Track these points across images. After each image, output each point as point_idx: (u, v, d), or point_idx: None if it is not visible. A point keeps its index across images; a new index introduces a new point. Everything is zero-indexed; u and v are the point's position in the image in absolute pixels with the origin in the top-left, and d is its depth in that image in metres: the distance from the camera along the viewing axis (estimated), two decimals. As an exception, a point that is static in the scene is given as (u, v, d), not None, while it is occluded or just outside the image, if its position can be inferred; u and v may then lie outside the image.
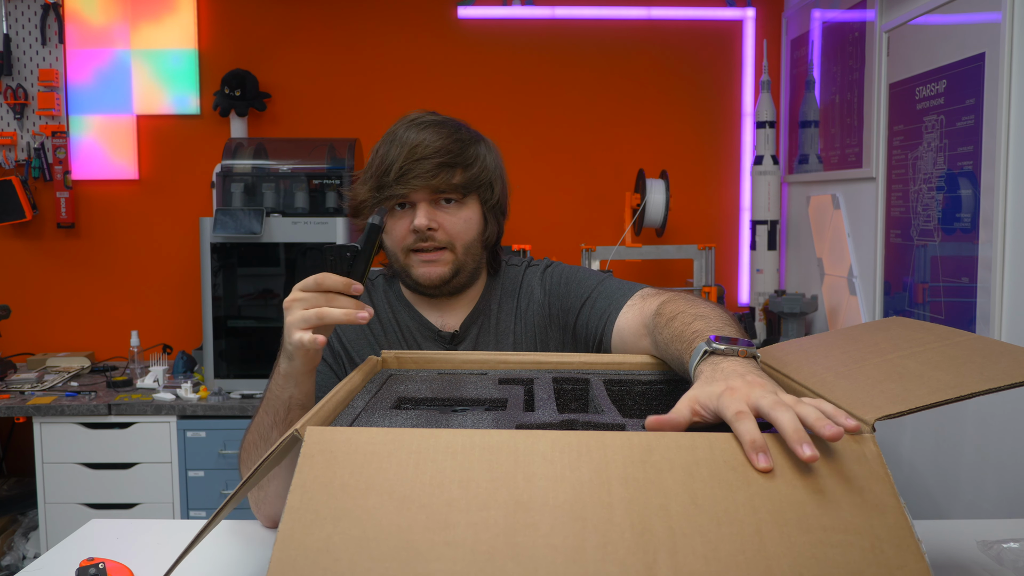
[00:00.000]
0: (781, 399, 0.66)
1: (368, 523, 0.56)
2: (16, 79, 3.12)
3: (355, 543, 0.54)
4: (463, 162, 1.22)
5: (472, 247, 1.25)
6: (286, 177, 2.85)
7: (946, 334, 0.83)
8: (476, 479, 0.60)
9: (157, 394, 2.68)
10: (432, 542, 0.55)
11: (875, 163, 2.34)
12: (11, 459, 3.12)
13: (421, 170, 1.19)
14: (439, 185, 1.20)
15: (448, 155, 1.20)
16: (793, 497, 0.59)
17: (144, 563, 0.98)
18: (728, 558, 0.54)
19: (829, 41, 2.71)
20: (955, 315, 1.96)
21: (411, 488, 0.59)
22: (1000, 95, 1.75)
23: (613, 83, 3.20)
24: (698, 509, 0.57)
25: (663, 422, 0.70)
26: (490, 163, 1.26)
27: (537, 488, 0.59)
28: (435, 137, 1.21)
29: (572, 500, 0.58)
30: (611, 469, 0.61)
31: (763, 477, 0.60)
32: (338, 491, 0.58)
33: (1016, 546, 0.98)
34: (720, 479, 0.60)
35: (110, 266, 3.22)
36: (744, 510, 0.58)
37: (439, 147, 1.20)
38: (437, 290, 1.26)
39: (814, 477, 0.60)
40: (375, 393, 0.88)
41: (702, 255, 2.95)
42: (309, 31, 3.18)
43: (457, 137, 1.23)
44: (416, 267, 1.24)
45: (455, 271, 1.24)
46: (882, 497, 0.59)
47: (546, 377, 0.97)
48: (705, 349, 0.79)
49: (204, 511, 2.64)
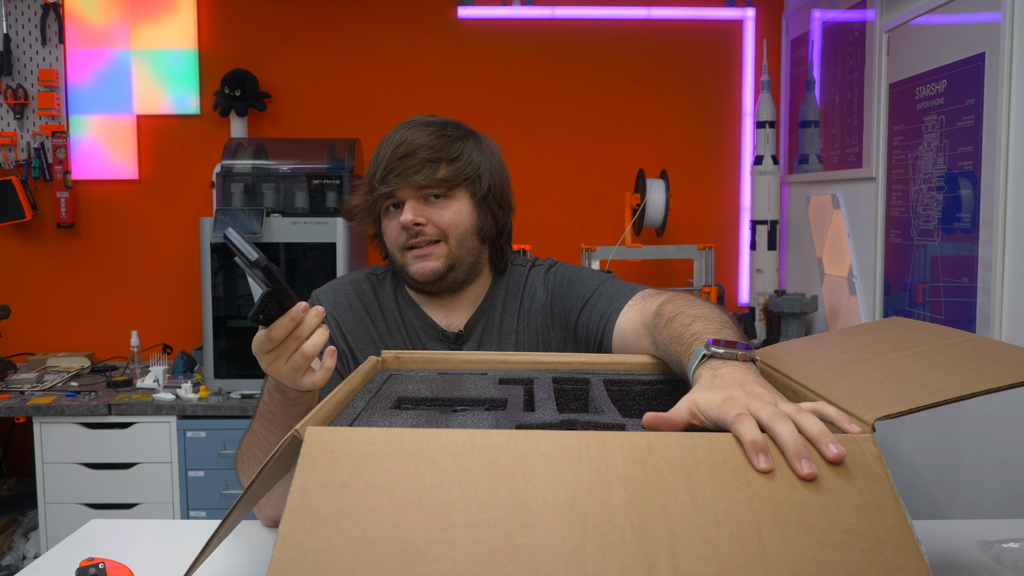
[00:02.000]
0: (780, 410, 0.65)
1: (368, 524, 0.56)
2: (16, 79, 3.12)
3: (355, 544, 0.54)
4: (447, 156, 1.23)
5: (466, 239, 1.26)
6: (286, 177, 2.85)
7: (946, 334, 0.83)
8: (476, 480, 0.60)
9: (157, 394, 2.68)
10: (432, 543, 0.55)
11: (875, 163, 2.34)
12: (11, 459, 3.12)
13: (404, 167, 1.21)
14: (423, 180, 1.22)
15: (431, 151, 1.22)
16: (793, 498, 0.59)
17: (144, 563, 0.98)
18: (727, 559, 0.54)
19: (829, 41, 2.71)
20: (955, 315, 1.96)
21: (411, 489, 0.59)
22: (1000, 95, 1.75)
23: (613, 83, 3.20)
24: (698, 510, 0.58)
25: (661, 420, 0.70)
26: (477, 156, 1.27)
27: (537, 489, 0.59)
28: (420, 135, 1.23)
29: (572, 501, 0.58)
30: (611, 470, 0.61)
31: (763, 478, 0.60)
32: (338, 492, 0.59)
33: (1016, 546, 0.98)
34: (720, 480, 0.60)
35: (110, 266, 3.22)
36: (744, 511, 0.58)
37: (422, 144, 1.22)
38: (435, 286, 1.26)
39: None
40: (375, 393, 0.88)
41: (702, 255, 2.95)
42: (309, 31, 3.18)
43: (443, 133, 1.25)
44: (411, 264, 1.25)
45: (450, 265, 1.25)
46: (882, 498, 0.59)
47: (546, 377, 0.97)
48: (704, 353, 0.79)
49: (204, 511, 2.64)
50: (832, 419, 0.65)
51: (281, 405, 1.02)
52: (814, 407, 0.67)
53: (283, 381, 0.96)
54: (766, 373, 0.92)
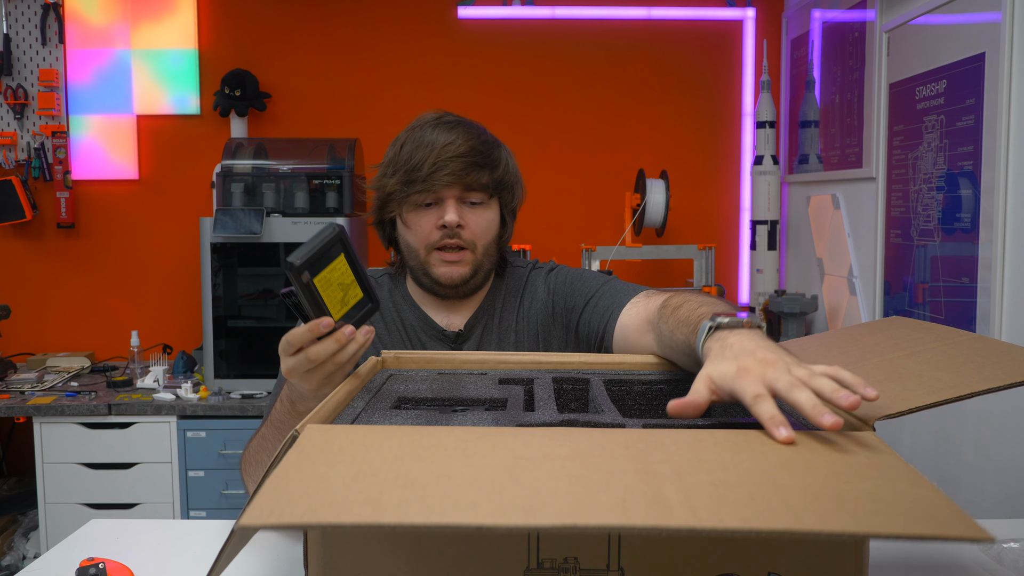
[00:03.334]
0: (795, 377, 0.65)
1: (364, 465, 0.56)
2: (16, 79, 3.12)
3: (351, 476, 0.54)
4: (491, 163, 1.23)
5: (490, 249, 1.27)
6: (286, 177, 2.85)
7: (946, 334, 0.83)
8: (475, 444, 0.60)
9: (157, 394, 2.68)
10: (430, 473, 0.55)
11: (875, 163, 2.34)
12: (11, 459, 3.12)
13: (454, 168, 1.20)
14: (471, 183, 1.21)
15: (479, 155, 1.22)
16: (803, 454, 0.59)
17: (144, 563, 0.98)
18: (736, 483, 0.54)
19: (829, 41, 2.71)
20: (955, 315, 1.96)
21: (410, 448, 0.59)
22: (1000, 95, 1.75)
23: (613, 83, 3.20)
24: (703, 463, 0.57)
25: (686, 405, 0.70)
26: (512, 167, 1.29)
27: (536, 449, 0.59)
28: (465, 137, 1.22)
29: (574, 454, 0.58)
30: (613, 440, 0.62)
31: (770, 445, 0.61)
32: (335, 452, 0.59)
33: (1016, 546, 0.98)
34: (724, 445, 0.61)
35: (110, 266, 3.22)
36: (751, 461, 0.58)
37: (471, 147, 1.21)
38: (455, 291, 1.27)
39: (823, 448, 0.61)
40: (375, 393, 0.89)
41: (702, 255, 2.95)
42: (309, 31, 3.18)
43: (484, 139, 1.25)
44: (437, 266, 1.24)
45: (474, 272, 1.26)
46: (892, 460, 0.60)
47: (546, 377, 0.97)
48: (710, 325, 0.79)
49: (204, 511, 2.64)
50: (848, 383, 0.65)
51: (290, 416, 1.02)
52: (828, 371, 0.67)
53: (298, 389, 0.95)
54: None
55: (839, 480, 0.55)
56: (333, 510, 0.49)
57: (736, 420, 0.77)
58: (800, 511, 0.50)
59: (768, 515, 0.49)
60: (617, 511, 0.49)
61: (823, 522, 0.48)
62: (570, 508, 0.50)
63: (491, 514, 0.49)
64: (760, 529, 0.48)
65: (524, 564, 0.62)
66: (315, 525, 0.48)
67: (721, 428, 0.68)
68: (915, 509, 0.51)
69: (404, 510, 0.49)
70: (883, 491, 0.53)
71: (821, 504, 0.51)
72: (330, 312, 0.88)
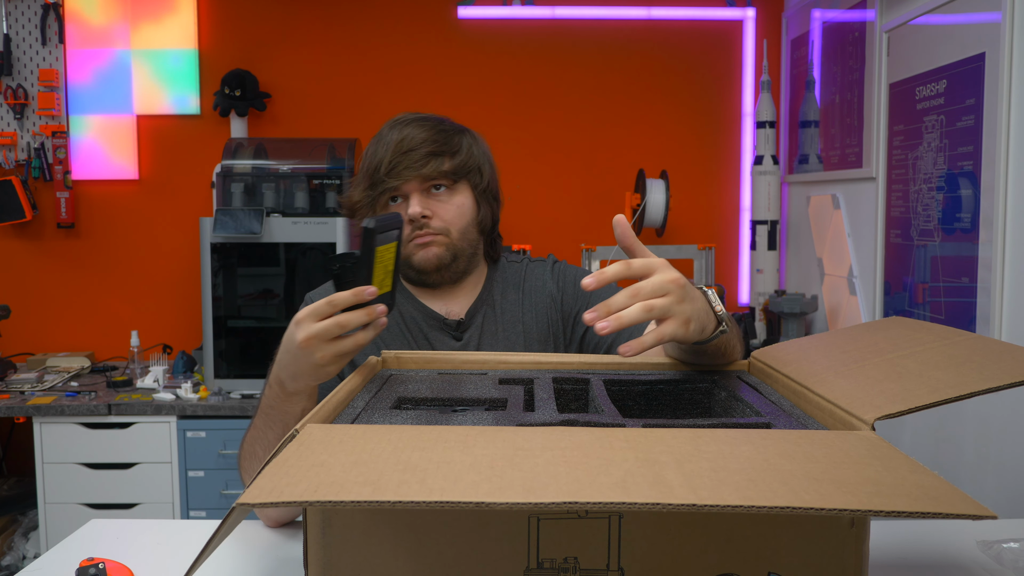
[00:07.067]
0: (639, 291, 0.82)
1: (364, 454, 0.57)
2: (16, 79, 3.12)
3: (351, 463, 0.55)
4: (450, 150, 1.26)
5: (467, 232, 1.29)
6: (286, 177, 2.85)
7: (946, 334, 0.83)
8: (474, 437, 0.61)
9: (157, 394, 2.68)
10: (430, 460, 0.55)
11: (875, 163, 2.34)
12: (11, 459, 3.12)
13: (410, 161, 1.23)
14: (430, 173, 1.24)
15: (435, 144, 1.25)
16: (801, 447, 0.60)
17: (144, 563, 0.98)
18: (736, 469, 0.55)
19: (829, 41, 2.71)
20: (955, 315, 1.96)
21: (410, 440, 0.60)
22: (1000, 95, 1.75)
23: (613, 83, 3.20)
24: (703, 453, 0.58)
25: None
26: (476, 150, 1.31)
27: (536, 442, 0.60)
28: (420, 130, 1.26)
29: (574, 445, 0.59)
30: (613, 435, 0.62)
31: (771, 439, 0.62)
32: (335, 443, 0.59)
33: (1016, 546, 0.98)
34: (725, 440, 0.62)
35: (110, 266, 3.22)
36: (751, 452, 0.59)
37: (425, 138, 1.25)
38: (438, 275, 1.28)
39: (823, 442, 0.61)
40: (375, 393, 0.89)
41: (702, 255, 2.95)
42: (309, 31, 3.18)
43: (441, 128, 1.28)
44: (414, 253, 1.27)
45: (453, 256, 1.27)
46: (891, 452, 0.60)
47: (546, 377, 0.97)
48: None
49: (204, 511, 2.64)
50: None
51: (279, 400, 1.02)
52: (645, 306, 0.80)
53: (305, 362, 0.93)
54: (765, 372, 0.93)
55: (839, 467, 0.56)
56: (333, 489, 0.50)
57: (737, 420, 0.77)
58: (801, 491, 0.50)
59: (769, 494, 0.50)
60: (618, 490, 0.50)
61: (824, 500, 0.49)
62: (570, 488, 0.50)
63: (491, 493, 0.49)
64: (760, 505, 0.48)
65: (524, 564, 0.62)
66: (315, 503, 0.49)
67: (722, 428, 0.69)
68: (916, 491, 0.51)
69: (404, 490, 0.50)
70: (884, 476, 0.54)
71: (822, 486, 0.52)
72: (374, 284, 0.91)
